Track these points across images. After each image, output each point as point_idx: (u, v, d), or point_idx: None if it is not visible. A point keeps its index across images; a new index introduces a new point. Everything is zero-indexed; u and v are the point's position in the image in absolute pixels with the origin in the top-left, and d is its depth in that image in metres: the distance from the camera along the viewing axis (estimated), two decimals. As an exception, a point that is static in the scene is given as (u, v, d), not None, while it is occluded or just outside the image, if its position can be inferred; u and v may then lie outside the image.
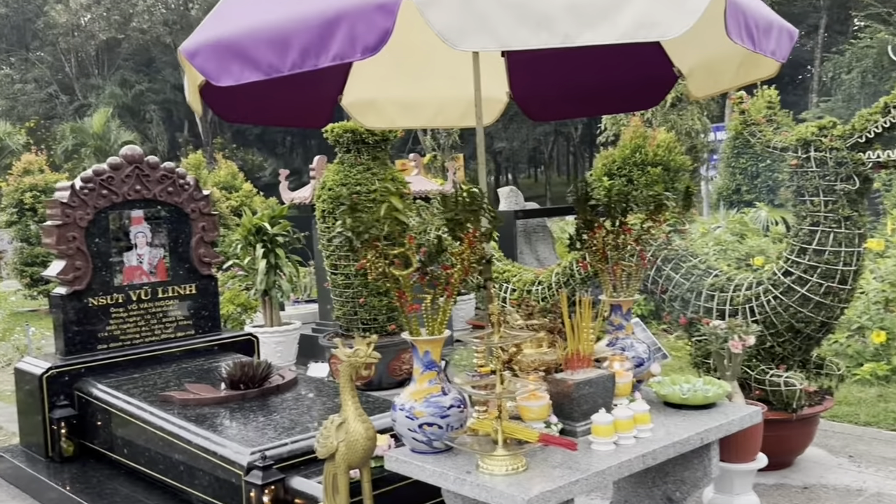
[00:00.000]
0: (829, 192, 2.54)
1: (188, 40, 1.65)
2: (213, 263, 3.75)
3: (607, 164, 3.60)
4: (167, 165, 3.58)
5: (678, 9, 1.26)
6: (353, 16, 1.25)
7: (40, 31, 23.48)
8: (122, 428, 2.83)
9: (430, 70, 2.51)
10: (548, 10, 1.23)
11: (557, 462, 1.53)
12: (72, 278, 3.20)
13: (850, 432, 3.61)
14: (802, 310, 2.59)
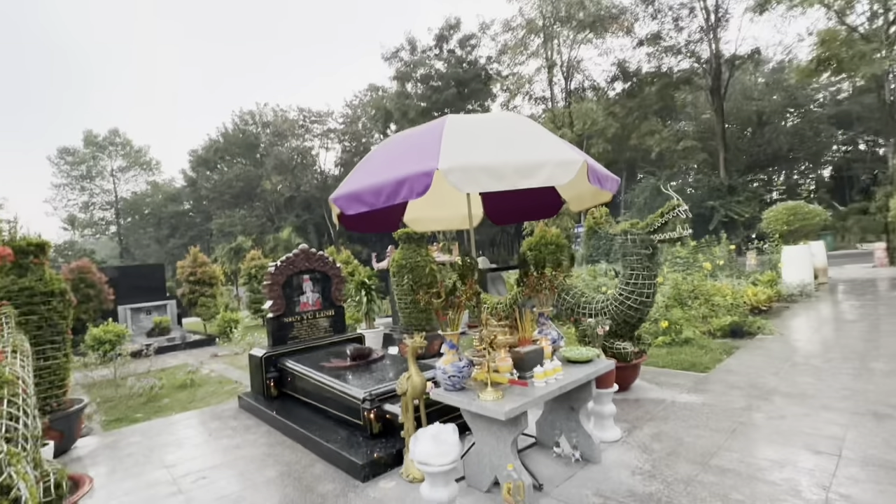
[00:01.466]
0: (637, 255, 4.31)
1: (333, 194, 2.85)
2: (342, 299, 6.09)
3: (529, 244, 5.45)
4: (319, 252, 5.94)
5: (565, 170, 2.33)
6: (412, 178, 2.30)
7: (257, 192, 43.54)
8: (301, 381, 4.78)
9: (446, 201, 3.93)
10: (504, 171, 2.26)
11: (518, 393, 2.55)
12: (275, 309, 5.47)
13: (655, 371, 5.46)
14: (629, 312, 4.31)
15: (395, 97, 38.08)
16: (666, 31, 27.19)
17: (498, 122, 2.82)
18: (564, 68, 31.42)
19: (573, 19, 28.89)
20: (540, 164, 2.33)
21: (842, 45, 19.75)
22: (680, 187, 27.74)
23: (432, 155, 2.41)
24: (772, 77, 36.59)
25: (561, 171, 2.35)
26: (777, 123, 37.16)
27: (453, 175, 2.26)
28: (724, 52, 26.23)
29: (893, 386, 4.29)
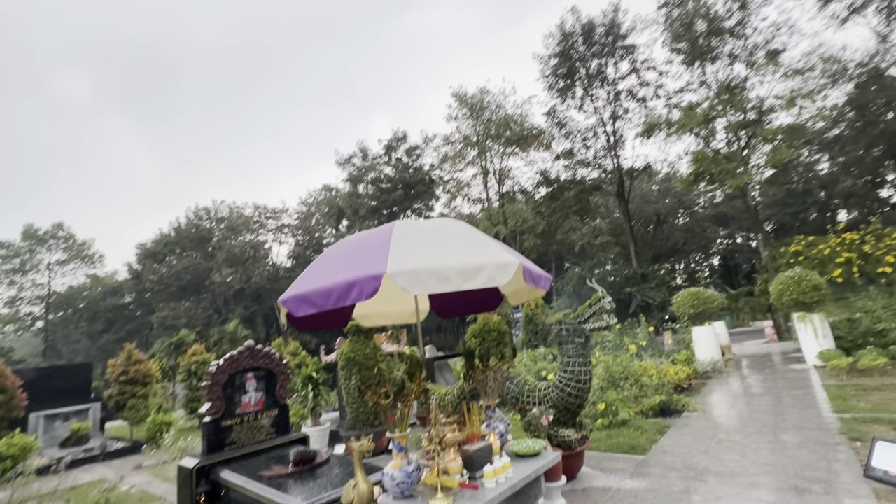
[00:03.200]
0: (572, 343, 4.40)
1: (282, 296, 2.72)
2: (287, 397, 5.35)
3: (474, 331, 5.38)
4: (265, 349, 5.33)
5: (504, 272, 2.39)
6: (361, 281, 2.27)
7: (206, 284, 40.64)
8: (237, 495, 3.84)
9: (394, 297, 3.77)
10: (448, 274, 2.31)
11: (468, 498, 2.40)
12: (213, 412, 4.60)
13: (598, 456, 5.24)
14: (569, 399, 4.21)
15: (348, 196, 39.13)
16: (577, 148, 30.88)
17: (442, 228, 2.92)
18: (497, 175, 34.21)
19: (502, 137, 32.17)
20: (481, 266, 2.38)
21: (710, 162, 23.29)
22: (602, 276, 29.61)
23: (381, 259, 2.41)
24: (663, 185, 41.89)
25: (500, 272, 2.42)
26: (672, 222, 41.86)
27: (401, 278, 2.25)
28: (624, 165, 29.97)
29: (805, 459, 4.42)
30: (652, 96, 27.44)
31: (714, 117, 22.15)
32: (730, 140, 22.83)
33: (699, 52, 22.51)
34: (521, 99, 33.00)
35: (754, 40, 21.77)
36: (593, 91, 28.75)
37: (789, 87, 21.48)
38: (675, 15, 23.24)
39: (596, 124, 29.48)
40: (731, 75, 22.53)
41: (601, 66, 28.01)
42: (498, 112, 32.26)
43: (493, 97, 32.33)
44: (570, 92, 29.22)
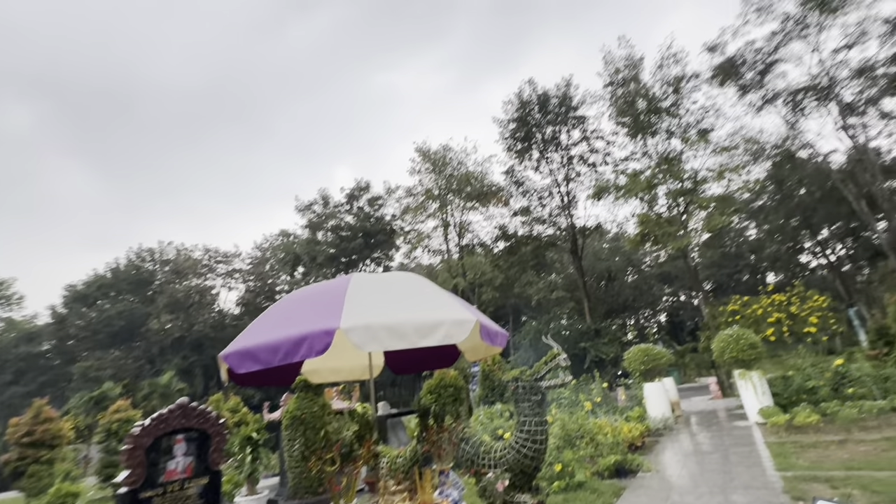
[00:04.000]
0: (527, 401, 4.34)
1: (225, 350, 2.54)
2: (220, 462, 4.71)
3: (430, 387, 5.18)
4: (200, 407, 4.67)
5: (460, 329, 2.35)
6: (312, 336, 2.16)
7: (141, 331, 37.18)
8: None
9: (346, 352, 3.59)
10: (404, 330, 2.24)
11: None
12: (131, 481, 3.96)
13: None
14: (526, 461, 4.07)
15: (306, 243, 38.39)
16: (534, 206, 32.42)
17: (399, 282, 2.90)
18: (457, 228, 34.99)
19: (462, 192, 33.33)
20: (438, 323, 2.36)
21: (654, 225, 25.09)
22: (557, 330, 30.12)
23: (335, 313, 2.33)
24: (613, 244, 44.37)
25: (457, 329, 2.39)
26: (622, 279, 43.94)
27: (355, 334, 2.18)
28: (577, 224, 31.65)
29: (754, 520, 4.44)
30: (601, 162, 29.70)
31: (656, 184, 24.14)
32: (670, 205, 24.80)
33: (641, 126, 24.89)
34: (482, 157, 34.78)
35: (687, 120, 24.44)
36: (548, 154, 30.77)
37: (718, 161, 23.99)
38: (619, 93, 25.84)
39: (551, 185, 31.27)
40: (669, 148, 24.93)
41: (555, 132, 30.24)
42: (459, 168, 33.62)
43: (455, 154, 33.82)
44: (528, 154, 31.10)
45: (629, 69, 25.36)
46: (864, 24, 21.97)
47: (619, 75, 25.65)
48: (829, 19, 22.28)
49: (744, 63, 24.24)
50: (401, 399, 35.40)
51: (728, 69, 24.37)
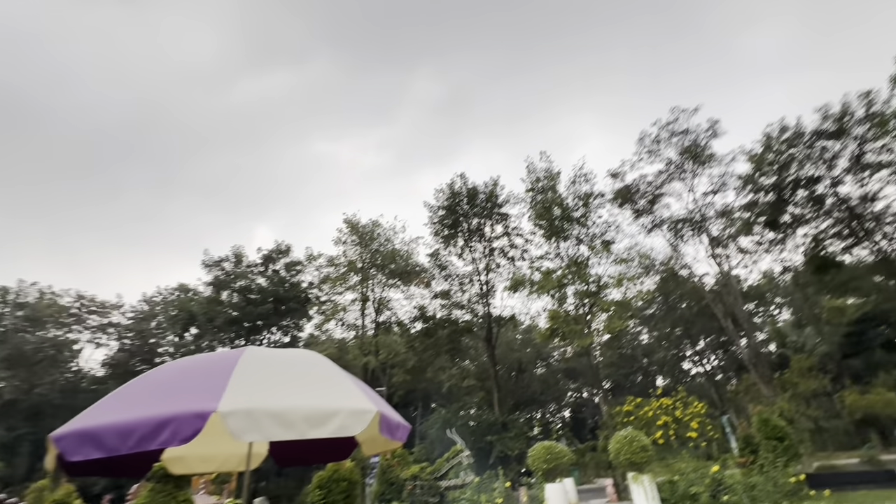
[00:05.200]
0: (426, 502, 4.01)
1: (59, 429, 2.04)
2: None
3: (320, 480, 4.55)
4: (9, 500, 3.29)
5: (358, 420, 2.16)
6: (179, 419, 1.81)
7: None
8: None
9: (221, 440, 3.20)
10: (293, 419, 1.98)
11: None
12: None
13: None
14: None
15: (206, 302, 34.83)
16: (454, 291, 33.15)
17: (297, 362, 2.66)
18: (376, 304, 34.24)
19: (386, 268, 33.29)
20: (333, 412, 2.15)
21: (563, 322, 26.74)
22: (465, 420, 29.30)
23: (215, 392, 2.03)
24: (526, 335, 46.06)
25: (353, 420, 2.20)
26: (531, 371, 45.07)
27: (234, 420, 1.90)
28: (493, 312, 32.67)
29: None
30: (519, 257, 31.85)
31: (566, 284, 26.20)
32: (577, 305, 26.80)
33: (555, 230, 27.57)
34: (410, 237, 35.52)
35: (594, 230, 27.63)
36: (472, 244, 32.42)
37: (618, 270, 26.95)
38: (538, 199, 28.77)
39: (472, 272, 32.54)
40: (578, 253, 27.63)
41: (480, 224, 32.27)
42: (386, 245, 33.93)
43: (383, 231, 34.28)
44: (453, 241, 32.50)
45: (548, 180, 28.64)
46: (724, 177, 27.53)
47: (539, 184, 28.78)
48: (700, 168, 27.61)
49: (638, 191, 28.64)
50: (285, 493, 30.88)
51: (626, 194, 28.56)
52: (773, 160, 26.45)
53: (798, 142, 25.90)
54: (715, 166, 27.33)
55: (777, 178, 26.58)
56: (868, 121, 24.01)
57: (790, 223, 27.63)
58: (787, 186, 26.53)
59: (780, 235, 28.12)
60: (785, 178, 26.40)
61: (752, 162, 27.01)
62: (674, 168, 27.94)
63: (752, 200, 27.68)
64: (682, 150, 27.43)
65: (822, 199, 26.55)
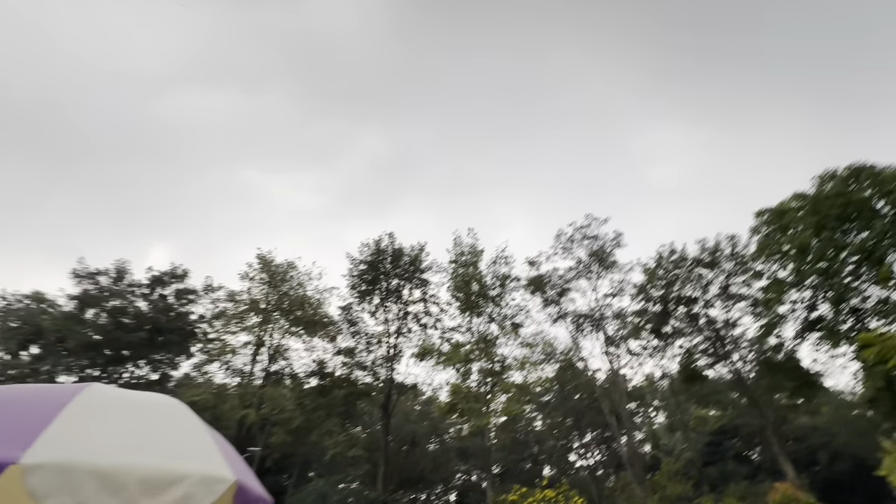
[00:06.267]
0: None
1: None
2: None
3: None
4: None
5: (208, 490, 1.82)
6: None
7: None
8: None
9: None
10: (124, 481, 1.60)
11: None
12: None
13: None
14: None
15: (63, 318, 29.51)
16: (360, 349, 31.70)
17: (148, 409, 2.24)
18: (272, 350, 31.42)
19: (292, 314, 31.18)
20: (178, 477, 1.81)
21: (464, 398, 26.50)
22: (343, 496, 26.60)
23: (25, 435, 1.61)
24: (425, 407, 44.60)
25: (201, 490, 1.85)
26: (424, 447, 43.15)
27: (40, 477, 1.50)
28: (396, 378, 31.49)
29: None
30: (432, 326, 31.77)
31: (472, 360, 26.40)
32: (480, 382, 26.91)
33: (470, 305, 28.26)
34: (324, 286, 34.02)
35: (506, 311, 28.76)
36: (388, 304, 31.88)
37: (523, 353, 27.91)
38: (459, 272, 29.65)
39: (382, 333, 31.62)
40: (488, 331, 28.33)
41: (400, 286, 32.10)
42: (297, 290, 32.10)
43: (297, 274, 32.58)
44: (369, 297, 31.73)
45: (471, 256, 29.85)
46: (623, 283, 30.80)
47: (463, 258, 29.86)
48: (604, 272, 30.71)
49: (549, 282, 30.83)
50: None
51: (539, 283, 30.56)
52: (662, 276, 30.34)
53: (682, 264, 30.20)
54: (616, 272, 30.61)
55: (664, 291, 30.34)
56: (733, 259, 28.91)
57: (671, 334, 31.17)
58: (671, 301, 30.31)
59: (662, 343, 31.46)
60: (670, 293, 30.23)
61: (646, 274, 30.72)
62: (582, 267, 30.78)
63: (642, 308, 31.02)
64: (591, 252, 30.53)
65: (697, 318, 30.59)
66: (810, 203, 23.82)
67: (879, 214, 22.32)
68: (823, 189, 23.89)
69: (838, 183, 23.60)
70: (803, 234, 23.66)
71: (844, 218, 22.91)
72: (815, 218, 23.23)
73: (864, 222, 22.56)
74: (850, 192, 23.05)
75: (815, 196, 23.82)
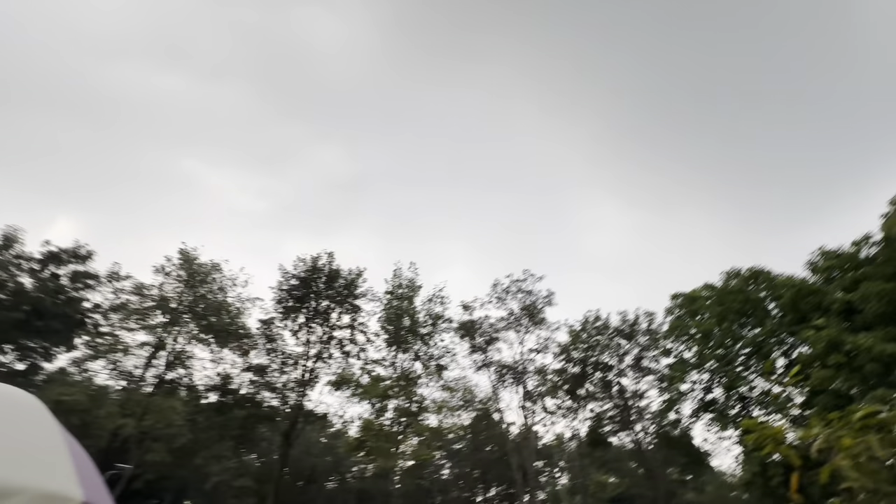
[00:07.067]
0: None
1: None
2: None
3: None
4: None
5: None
6: None
7: None
8: None
9: None
10: None
11: None
12: None
13: None
14: None
15: (-82, 281, 24.96)
16: (273, 369, 29.62)
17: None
18: (172, 356, 28.44)
19: (205, 320, 28.71)
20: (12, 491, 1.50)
21: (374, 435, 25.34)
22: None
23: None
24: (331, 441, 42.01)
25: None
26: (322, 483, 40.23)
27: None
28: (306, 405, 29.58)
29: None
30: (355, 355, 30.62)
31: (390, 396, 25.57)
32: (394, 421, 25.99)
33: (399, 340, 27.72)
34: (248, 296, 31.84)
35: (433, 352, 28.50)
36: (313, 325, 30.43)
37: (443, 396, 27.53)
38: (394, 304, 29.22)
39: (301, 355, 29.91)
40: (412, 368, 27.78)
41: (329, 308, 30.90)
42: (217, 294, 29.82)
43: (221, 277, 30.37)
44: (294, 315, 30.15)
45: (409, 290, 29.63)
46: (548, 340, 31.89)
47: (400, 290, 29.54)
48: (532, 327, 31.67)
49: (480, 328, 31.19)
50: None
51: (470, 328, 30.81)
52: (585, 339, 31.84)
53: (604, 332, 31.98)
54: (543, 329, 31.71)
55: (584, 355, 31.77)
56: (649, 334, 31.12)
57: (584, 396, 32.38)
58: (590, 365, 31.74)
59: (575, 405, 32.52)
60: (590, 357, 31.69)
61: (571, 336, 32.10)
62: (513, 319, 31.58)
63: (563, 367, 32.14)
64: (524, 306, 31.51)
65: (610, 385, 32.16)
66: (717, 294, 26.57)
67: (770, 314, 25.33)
68: (728, 284, 26.81)
69: (741, 281, 26.64)
70: (708, 321, 26.18)
71: (742, 313, 25.72)
72: (720, 309, 25.86)
73: (757, 319, 25.44)
74: (749, 291, 26.06)
75: (722, 289, 26.63)
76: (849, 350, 20.19)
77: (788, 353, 24.57)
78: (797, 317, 23.89)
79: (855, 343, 19.87)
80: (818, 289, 23.86)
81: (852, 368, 20.14)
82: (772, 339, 24.41)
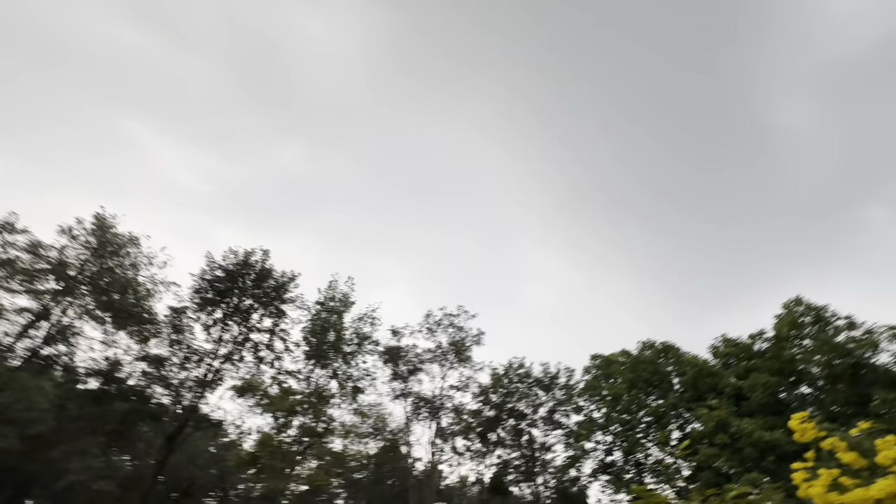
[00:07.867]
0: None
1: None
2: None
3: None
4: None
5: None
6: None
7: None
8: None
9: None
10: None
11: None
12: None
13: None
14: None
15: None
16: (172, 363, 26.91)
17: None
18: (56, 329, 25.00)
19: (106, 294, 25.73)
20: None
21: (271, 452, 23.49)
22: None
23: None
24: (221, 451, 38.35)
25: None
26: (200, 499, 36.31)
27: None
28: (201, 408, 26.97)
29: None
30: (269, 362, 28.70)
31: (297, 412, 24.04)
32: (296, 439, 24.34)
33: (319, 354, 26.46)
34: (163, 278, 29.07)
35: (353, 372, 27.41)
36: (230, 322, 28.31)
37: (353, 420, 26.35)
38: (322, 316, 28.04)
39: (208, 353, 27.53)
40: (327, 386, 26.46)
41: (252, 308, 28.99)
42: (127, 271, 27.02)
43: (136, 252, 27.62)
44: (211, 308, 27.93)
45: (341, 304, 28.63)
46: (470, 380, 31.92)
47: (331, 303, 28.47)
48: (457, 364, 31.63)
49: (405, 357, 30.65)
50: None
51: (395, 354, 30.18)
52: (505, 385, 32.23)
53: (525, 380, 32.60)
54: (468, 367, 31.75)
55: (502, 400, 32.06)
56: (565, 388, 32.16)
57: (494, 441, 32.44)
58: (506, 410, 32.02)
59: (484, 449, 32.43)
60: (507, 402, 32.02)
61: (493, 379, 32.38)
62: (440, 352, 31.39)
63: (479, 409, 32.15)
64: (452, 341, 31.50)
65: (521, 433, 32.54)
66: (631, 362, 28.24)
67: (673, 388, 27.25)
68: (643, 354, 28.65)
69: (653, 353, 28.60)
70: (620, 386, 27.62)
71: (651, 383, 27.45)
72: (631, 376, 27.45)
73: (662, 391, 27.24)
74: (659, 364, 27.97)
75: (636, 358, 28.38)
76: (733, 432, 22.08)
77: (683, 426, 26.39)
78: (696, 394, 25.90)
79: (739, 427, 21.78)
80: (716, 371, 26.15)
81: (734, 450, 21.97)
82: (672, 411, 26.15)
